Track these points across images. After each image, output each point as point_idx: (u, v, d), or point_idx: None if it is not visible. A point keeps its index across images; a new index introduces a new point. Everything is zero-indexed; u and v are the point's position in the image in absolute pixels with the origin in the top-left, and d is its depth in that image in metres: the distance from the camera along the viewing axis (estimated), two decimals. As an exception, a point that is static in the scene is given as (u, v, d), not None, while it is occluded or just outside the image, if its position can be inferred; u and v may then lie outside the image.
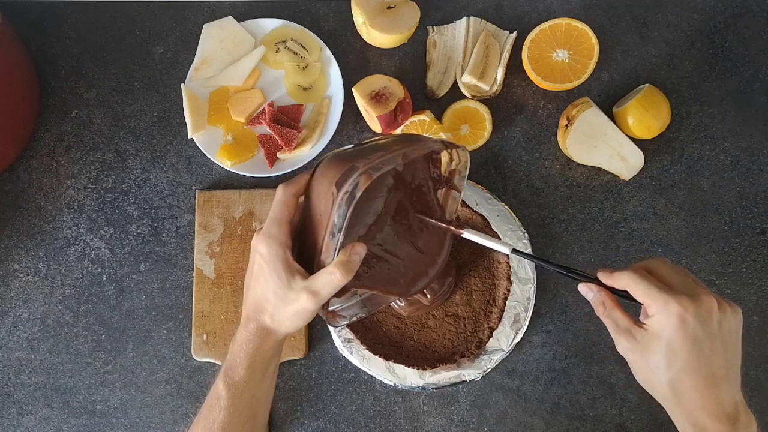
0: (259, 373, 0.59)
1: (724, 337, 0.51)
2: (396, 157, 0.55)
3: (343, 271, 0.54)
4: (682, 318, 0.50)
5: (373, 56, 0.84)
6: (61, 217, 0.83)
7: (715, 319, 0.51)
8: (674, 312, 0.50)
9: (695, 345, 0.50)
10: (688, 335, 0.50)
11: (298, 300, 0.55)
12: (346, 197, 0.53)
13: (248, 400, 0.59)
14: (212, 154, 0.80)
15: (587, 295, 0.57)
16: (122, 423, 0.80)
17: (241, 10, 0.85)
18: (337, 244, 0.54)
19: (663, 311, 0.50)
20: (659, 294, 0.51)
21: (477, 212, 0.78)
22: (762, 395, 0.78)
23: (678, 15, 0.84)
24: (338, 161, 0.56)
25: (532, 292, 0.76)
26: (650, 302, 0.51)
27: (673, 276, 0.53)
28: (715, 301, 0.51)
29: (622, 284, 0.53)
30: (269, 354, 0.59)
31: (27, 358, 0.81)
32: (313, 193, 0.58)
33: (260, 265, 0.57)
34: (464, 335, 0.77)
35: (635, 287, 0.52)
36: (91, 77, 0.85)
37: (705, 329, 0.50)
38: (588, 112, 0.77)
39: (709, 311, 0.51)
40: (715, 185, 0.81)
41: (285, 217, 0.57)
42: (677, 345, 0.50)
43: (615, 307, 0.55)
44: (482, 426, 0.79)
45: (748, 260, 0.80)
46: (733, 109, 0.82)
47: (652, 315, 0.52)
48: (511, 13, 0.84)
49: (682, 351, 0.50)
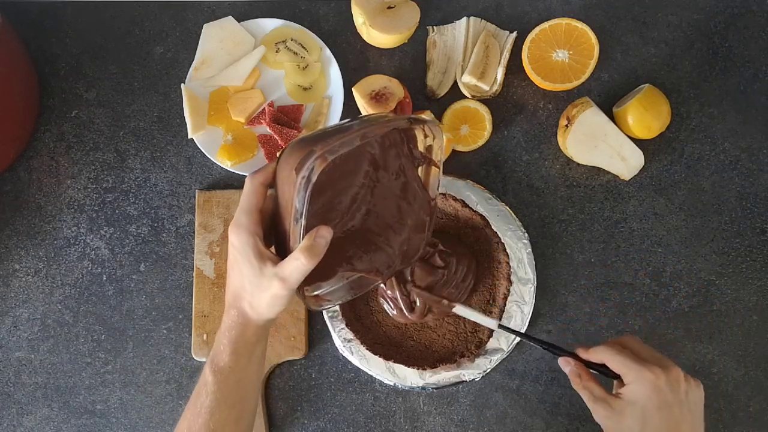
0: (244, 358, 0.59)
1: (690, 405, 0.57)
2: (354, 139, 0.55)
3: (308, 256, 0.54)
4: (655, 385, 0.56)
5: (373, 56, 0.84)
6: (61, 217, 0.83)
7: (683, 389, 0.57)
8: (648, 379, 0.56)
9: (667, 410, 0.56)
10: (660, 400, 0.56)
11: (270, 287, 0.56)
12: (303, 182, 0.53)
13: (235, 385, 0.60)
14: (212, 154, 0.80)
15: (565, 368, 0.63)
16: (122, 423, 0.80)
17: (241, 10, 0.85)
18: (302, 229, 0.55)
19: (638, 380, 0.57)
20: (634, 364, 0.57)
21: (477, 212, 0.78)
22: (762, 395, 0.78)
23: (678, 15, 0.84)
24: (299, 146, 0.56)
25: (532, 292, 0.76)
26: (626, 371, 0.58)
27: (644, 350, 0.60)
28: (682, 372, 0.58)
29: (600, 357, 0.60)
30: (253, 339, 0.59)
31: (27, 358, 0.81)
32: (278, 181, 0.58)
33: (233, 255, 0.58)
34: (464, 335, 0.77)
35: (612, 359, 0.59)
36: (91, 77, 0.85)
37: (675, 396, 0.57)
38: (588, 112, 0.77)
39: (678, 380, 0.57)
40: (715, 185, 0.81)
41: (253, 206, 0.57)
42: (651, 410, 0.56)
43: (590, 379, 0.61)
44: (482, 426, 0.79)
45: (748, 260, 0.80)
46: (733, 109, 0.82)
47: (627, 383, 0.58)
48: (511, 13, 0.84)
49: (655, 416, 0.56)
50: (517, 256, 0.77)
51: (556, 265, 0.81)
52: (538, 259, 0.78)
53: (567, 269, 0.81)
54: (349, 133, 0.55)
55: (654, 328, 0.79)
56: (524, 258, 0.77)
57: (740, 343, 0.79)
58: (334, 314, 0.77)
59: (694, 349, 0.79)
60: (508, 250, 0.77)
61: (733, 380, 0.79)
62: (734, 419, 0.78)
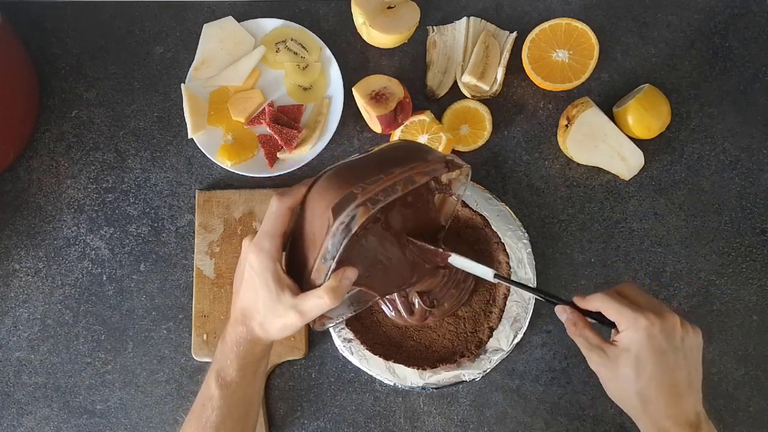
0: (250, 373, 0.60)
1: (686, 352, 0.56)
2: (396, 187, 0.53)
3: (332, 296, 0.54)
4: (650, 332, 0.55)
5: (373, 56, 0.84)
6: (61, 217, 0.83)
7: (678, 335, 0.56)
8: (642, 326, 0.55)
9: (661, 357, 0.55)
10: (654, 348, 0.55)
11: (286, 315, 0.56)
12: (342, 228, 0.52)
13: (240, 400, 0.60)
14: (212, 154, 0.80)
15: (561, 316, 0.61)
16: (122, 423, 0.80)
17: (241, 10, 0.85)
18: (329, 270, 0.54)
19: (632, 327, 0.55)
20: (629, 311, 0.56)
21: (477, 212, 0.78)
22: (762, 395, 0.78)
23: (678, 15, 0.84)
24: (338, 182, 0.54)
25: (532, 292, 0.76)
26: (621, 319, 0.56)
27: (641, 297, 0.58)
28: (679, 319, 0.57)
29: (596, 305, 0.58)
30: (259, 356, 0.60)
31: (27, 358, 0.81)
32: (308, 209, 0.57)
33: (250, 275, 0.57)
34: (464, 335, 0.77)
35: (607, 306, 0.57)
36: (91, 77, 0.85)
37: (670, 343, 0.55)
38: (588, 112, 0.77)
39: (674, 327, 0.56)
40: (715, 185, 0.81)
41: (278, 231, 0.56)
42: (645, 357, 0.55)
43: (586, 326, 0.60)
44: (482, 426, 0.79)
45: (748, 260, 0.80)
46: (733, 109, 0.82)
47: (622, 330, 0.56)
48: (511, 13, 0.84)
49: (649, 363, 0.55)
50: (517, 256, 0.77)
51: (556, 265, 0.81)
52: (538, 259, 0.78)
53: (567, 269, 0.81)
54: (392, 177, 0.53)
55: (654, 328, 0.79)
56: (524, 258, 0.77)
57: (740, 343, 0.79)
58: (334, 314, 0.77)
59: (694, 349, 0.79)
60: (508, 250, 0.77)
61: (733, 380, 0.79)
62: (734, 419, 0.78)
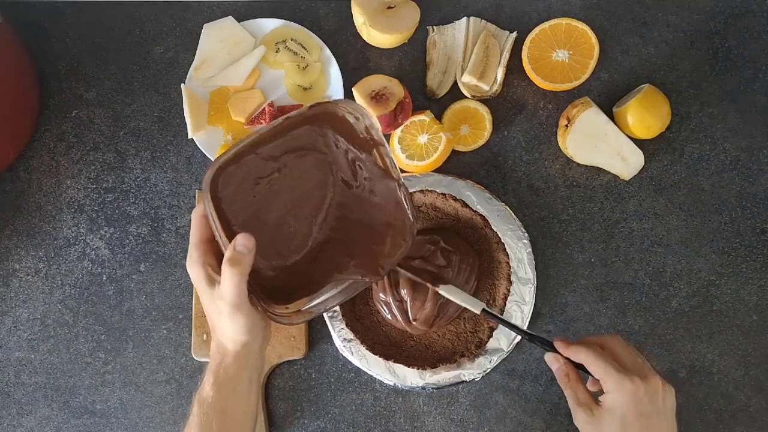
0: (227, 388, 0.58)
1: (666, 413, 0.58)
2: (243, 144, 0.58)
3: (231, 266, 0.53)
4: (635, 395, 0.57)
5: (373, 56, 0.84)
6: (61, 217, 0.83)
7: (660, 398, 0.58)
8: (628, 390, 0.57)
9: (647, 421, 0.57)
10: (640, 412, 0.57)
11: (221, 309, 0.55)
12: (206, 196, 0.57)
13: (219, 415, 0.58)
14: (212, 154, 0.80)
15: (553, 365, 0.63)
16: (122, 423, 0.80)
17: (241, 10, 0.85)
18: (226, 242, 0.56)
19: (618, 389, 0.57)
20: (615, 373, 0.57)
21: (477, 212, 0.78)
22: (762, 395, 0.78)
23: (678, 15, 0.84)
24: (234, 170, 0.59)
25: (532, 292, 0.76)
26: (607, 379, 0.58)
27: (626, 356, 0.60)
28: (660, 381, 0.58)
29: (580, 358, 0.60)
30: (232, 369, 0.58)
31: (27, 358, 0.81)
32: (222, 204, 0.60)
33: (196, 289, 0.59)
34: (464, 335, 0.77)
35: (592, 363, 0.59)
36: (91, 77, 0.85)
37: (653, 406, 0.57)
38: (588, 112, 0.77)
39: (656, 390, 0.58)
40: (715, 185, 0.81)
41: (198, 238, 0.58)
42: (630, 420, 0.57)
43: (578, 381, 0.62)
44: (482, 426, 0.79)
45: (748, 260, 0.80)
46: (733, 109, 0.82)
47: (607, 392, 0.58)
48: (511, 13, 0.84)
49: (634, 426, 0.57)
50: (517, 256, 0.77)
51: (556, 265, 0.81)
52: (538, 259, 0.78)
53: (567, 269, 0.81)
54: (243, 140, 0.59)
55: (654, 328, 0.79)
56: (524, 258, 0.77)
57: (740, 343, 0.79)
58: (334, 314, 0.77)
59: (694, 349, 0.79)
60: (508, 250, 0.77)
61: (733, 380, 0.79)
62: (734, 419, 0.78)
